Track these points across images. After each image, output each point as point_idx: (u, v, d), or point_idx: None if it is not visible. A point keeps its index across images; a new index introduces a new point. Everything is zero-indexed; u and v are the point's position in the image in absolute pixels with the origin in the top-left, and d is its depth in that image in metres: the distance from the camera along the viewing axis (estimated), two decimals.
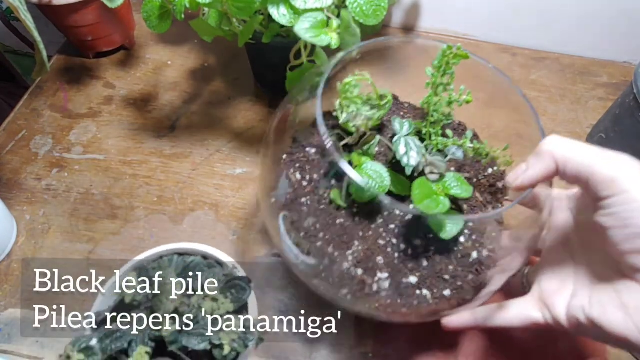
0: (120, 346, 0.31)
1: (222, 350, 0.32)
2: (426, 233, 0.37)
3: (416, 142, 0.37)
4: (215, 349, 0.32)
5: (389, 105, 0.39)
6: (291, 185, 0.39)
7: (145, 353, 0.31)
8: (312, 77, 0.39)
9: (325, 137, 0.32)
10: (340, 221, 0.37)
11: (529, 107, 0.36)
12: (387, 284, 0.36)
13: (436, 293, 0.36)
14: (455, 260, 0.37)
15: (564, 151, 0.30)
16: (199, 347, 0.32)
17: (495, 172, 0.42)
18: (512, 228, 0.40)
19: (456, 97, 0.37)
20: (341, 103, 0.39)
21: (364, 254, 0.36)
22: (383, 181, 0.35)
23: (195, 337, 0.32)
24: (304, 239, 0.37)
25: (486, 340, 0.46)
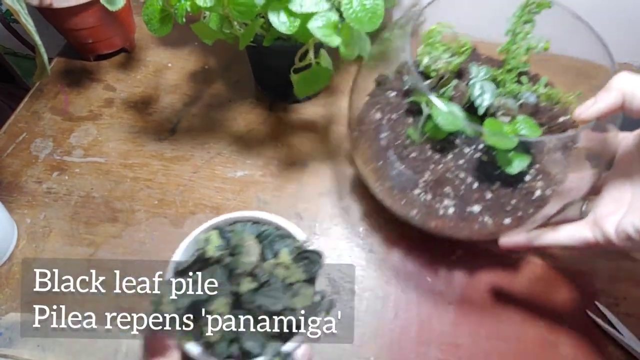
0: (204, 295, 0.33)
1: (295, 313, 0.33)
2: (493, 169, 0.41)
3: (491, 85, 0.41)
4: (288, 312, 0.33)
5: (468, 52, 0.44)
6: (372, 122, 0.45)
7: (225, 304, 0.33)
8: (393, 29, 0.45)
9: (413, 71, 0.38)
10: (414, 155, 0.43)
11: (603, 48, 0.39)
12: (452, 210, 0.42)
13: (497, 221, 0.42)
14: (518, 195, 0.42)
15: (633, 87, 0.32)
16: (274, 308, 0.33)
17: (567, 121, 0.43)
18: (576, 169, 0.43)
19: (534, 44, 0.39)
20: (424, 49, 0.44)
21: (433, 184, 0.42)
22: (456, 119, 0.38)
23: (271, 298, 0.33)
24: (382, 167, 0.44)
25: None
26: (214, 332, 0.32)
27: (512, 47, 0.42)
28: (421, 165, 0.43)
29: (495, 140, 0.37)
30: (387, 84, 0.48)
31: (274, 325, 0.33)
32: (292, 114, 0.62)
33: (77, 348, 0.45)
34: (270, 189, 0.56)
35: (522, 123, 0.39)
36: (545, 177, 0.43)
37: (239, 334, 0.33)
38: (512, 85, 0.42)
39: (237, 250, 0.34)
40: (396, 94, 0.46)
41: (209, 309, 0.33)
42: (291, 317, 0.33)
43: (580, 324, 0.47)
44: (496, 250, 0.45)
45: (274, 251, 0.36)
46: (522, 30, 0.41)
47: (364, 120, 0.47)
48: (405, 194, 0.44)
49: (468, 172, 0.42)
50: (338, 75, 0.66)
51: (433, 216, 0.43)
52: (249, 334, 0.33)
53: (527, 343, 0.46)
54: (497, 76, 0.43)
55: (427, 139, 0.43)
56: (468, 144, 0.43)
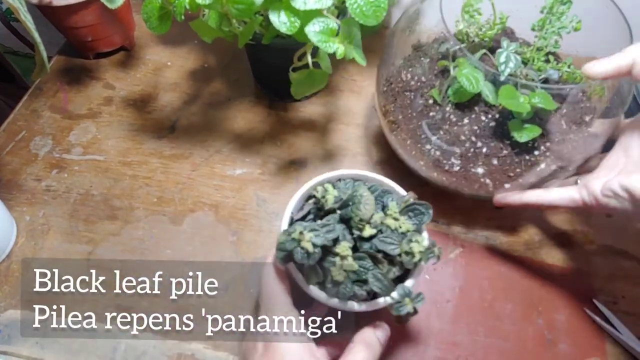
0: (332, 237, 0.34)
1: (412, 257, 0.35)
2: (504, 138, 0.45)
3: (517, 57, 0.43)
4: (406, 256, 0.35)
5: (502, 25, 0.48)
6: (401, 81, 0.49)
7: (348, 247, 0.34)
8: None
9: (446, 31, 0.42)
10: (433, 114, 0.47)
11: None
12: (457, 168, 0.46)
13: (497, 184, 0.46)
14: (523, 165, 0.45)
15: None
16: (393, 252, 0.35)
17: (585, 107, 0.46)
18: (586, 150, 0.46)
19: (565, 23, 0.44)
20: (462, 15, 0.48)
21: (444, 142, 0.46)
22: (478, 83, 0.41)
23: (389, 244, 0.35)
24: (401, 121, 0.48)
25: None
26: (340, 272, 0.34)
27: (545, 24, 0.45)
28: (437, 124, 0.46)
29: (508, 103, 0.40)
30: (422, 49, 0.51)
31: (392, 268, 0.36)
32: (291, 112, 0.62)
33: (75, 346, 0.45)
34: (269, 187, 0.56)
35: (539, 96, 0.40)
36: (554, 154, 0.45)
37: (360, 275, 0.35)
38: (539, 62, 0.46)
39: (354, 201, 0.36)
40: (430, 60, 0.50)
41: (334, 251, 0.34)
42: (407, 261, 0.35)
43: (579, 323, 0.47)
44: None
45: (382, 204, 0.38)
46: (558, 10, 0.44)
47: (395, 79, 0.50)
48: (417, 147, 0.48)
49: (480, 138, 0.45)
50: (337, 75, 0.66)
51: (438, 169, 0.47)
52: (373, 276, 0.35)
53: (526, 341, 0.46)
54: (526, 53, 0.47)
55: (449, 102, 0.46)
56: (485, 112, 0.45)
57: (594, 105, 0.46)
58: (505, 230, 0.53)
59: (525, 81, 0.42)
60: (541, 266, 0.51)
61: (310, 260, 0.34)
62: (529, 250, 0.52)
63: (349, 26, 0.43)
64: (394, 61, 0.51)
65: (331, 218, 0.37)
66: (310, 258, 0.33)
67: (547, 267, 0.51)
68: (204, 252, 0.51)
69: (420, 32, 0.49)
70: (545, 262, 0.51)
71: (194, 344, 0.46)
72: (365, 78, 0.66)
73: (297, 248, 0.33)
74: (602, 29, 0.45)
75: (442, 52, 0.47)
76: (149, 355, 0.45)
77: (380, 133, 0.60)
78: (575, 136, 0.46)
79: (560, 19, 0.45)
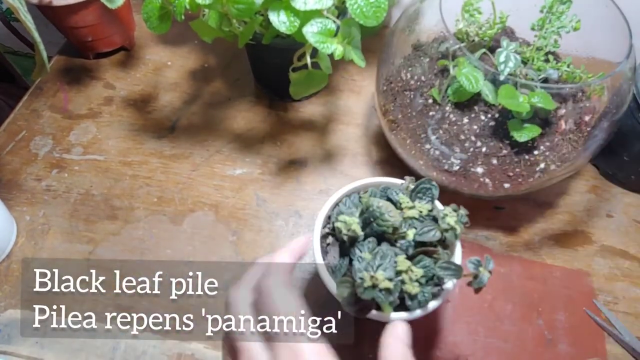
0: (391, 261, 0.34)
1: (454, 231, 0.36)
2: (502, 137, 0.45)
3: (516, 57, 0.43)
4: (447, 233, 0.36)
5: (502, 24, 0.48)
6: (401, 81, 0.49)
7: (404, 259, 0.34)
8: None
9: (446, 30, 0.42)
10: (433, 113, 0.47)
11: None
12: (457, 167, 0.46)
13: (497, 184, 0.47)
14: (523, 165, 0.45)
15: None
16: (435, 237, 0.36)
17: (584, 107, 0.46)
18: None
19: (565, 23, 0.44)
20: (462, 14, 0.48)
21: (444, 142, 0.46)
22: (478, 82, 0.41)
23: (427, 232, 0.36)
24: (401, 120, 0.49)
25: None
26: (413, 285, 0.34)
27: (545, 23, 0.45)
28: (437, 124, 0.46)
29: (508, 102, 0.40)
30: (422, 49, 0.51)
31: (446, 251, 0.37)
32: (291, 112, 0.62)
33: (75, 345, 0.45)
34: (269, 187, 0.56)
35: (539, 96, 0.40)
36: (553, 154, 0.45)
37: (428, 274, 0.35)
38: (538, 62, 0.46)
39: (374, 215, 0.36)
40: (429, 59, 0.50)
41: (398, 269, 0.34)
42: (450, 236, 0.36)
43: (579, 323, 0.47)
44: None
45: (395, 201, 0.39)
46: (558, 9, 0.44)
47: (394, 78, 0.51)
48: (417, 146, 0.48)
49: (479, 137, 0.45)
50: (337, 74, 0.66)
51: (438, 169, 0.48)
52: (440, 268, 0.36)
53: (526, 341, 0.46)
54: (525, 52, 0.47)
55: (448, 101, 0.46)
56: (485, 112, 0.45)
57: (593, 105, 0.46)
58: (505, 230, 0.53)
59: (524, 81, 0.42)
60: (541, 266, 0.51)
61: (394, 296, 0.33)
62: (529, 250, 0.52)
63: (348, 26, 0.43)
64: (394, 61, 0.51)
65: (368, 243, 0.36)
66: (392, 294, 0.33)
67: (547, 267, 0.51)
68: (204, 252, 0.51)
69: (420, 31, 0.49)
70: (545, 262, 0.51)
71: (194, 343, 0.46)
72: (365, 78, 0.66)
73: (377, 292, 0.32)
74: (601, 28, 0.45)
75: (441, 51, 0.47)
76: (149, 355, 0.45)
77: (380, 133, 0.60)
78: (575, 136, 0.46)
79: (560, 18, 0.45)
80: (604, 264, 0.51)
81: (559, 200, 0.56)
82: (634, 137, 0.52)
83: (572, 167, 0.47)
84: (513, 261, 0.51)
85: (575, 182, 0.57)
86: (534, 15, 0.47)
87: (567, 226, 0.54)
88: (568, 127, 0.46)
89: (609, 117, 0.45)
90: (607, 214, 0.55)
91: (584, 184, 0.57)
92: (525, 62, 0.47)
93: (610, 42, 0.44)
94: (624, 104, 0.44)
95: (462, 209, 0.37)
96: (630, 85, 0.44)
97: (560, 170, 0.46)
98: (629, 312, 0.48)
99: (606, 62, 0.47)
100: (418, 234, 0.36)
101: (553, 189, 0.56)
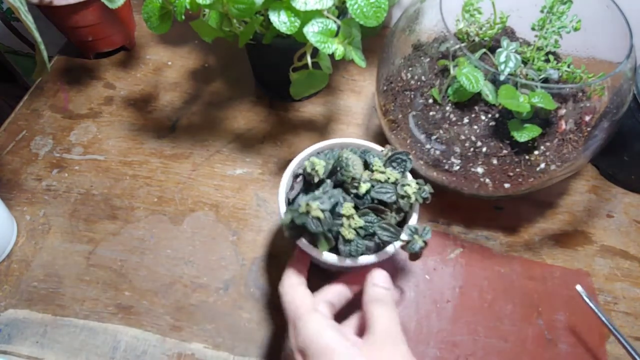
0: (335, 200, 0.36)
1: (409, 199, 0.38)
2: (503, 137, 0.45)
3: (517, 57, 0.43)
4: (402, 199, 0.38)
5: (503, 24, 0.48)
6: (401, 81, 0.50)
7: (351, 207, 0.37)
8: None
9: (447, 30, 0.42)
10: (433, 113, 0.47)
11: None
12: (457, 167, 0.47)
13: (497, 184, 0.47)
14: (523, 165, 0.45)
15: None
16: (390, 200, 0.38)
17: (584, 107, 0.46)
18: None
19: (565, 23, 0.44)
20: (462, 14, 0.48)
21: (444, 142, 0.46)
22: (478, 82, 0.42)
23: (384, 193, 0.38)
24: (401, 120, 0.49)
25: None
26: (350, 231, 0.36)
27: (546, 23, 0.45)
28: (437, 124, 0.46)
29: (508, 102, 0.40)
30: (422, 49, 0.51)
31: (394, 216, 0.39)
32: (291, 112, 0.62)
33: (75, 345, 0.45)
34: (269, 187, 0.56)
35: (539, 96, 0.41)
36: (554, 154, 0.45)
37: (368, 230, 0.38)
38: (539, 62, 0.46)
39: (341, 165, 0.39)
40: (430, 59, 0.50)
41: (340, 212, 0.37)
42: (404, 204, 0.38)
43: (579, 323, 0.47)
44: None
45: (368, 162, 0.41)
46: (558, 9, 0.44)
47: (395, 78, 0.51)
48: (417, 146, 0.48)
49: (480, 138, 0.45)
50: (338, 74, 0.66)
51: (438, 169, 0.48)
52: (380, 227, 0.37)
53: (526, 341, 0.46)
54: (526, 52, 0.47)
55: (449, 101, 0.46)
56: (485, 112, 0.45)
57: (594, 105, 0.46)
58: (505, 230, 0.53)
59: (525, 81, 0.42)
60: (541, 266, 0.51)
61: (325, 226, 0.35)
62: (529, 250, 0.52)
63: (349, 27, 0.43)
64: (394, 60, 0.51)
65: (326, 185, 0.39)
66: (323, 224, 0.35)
67: (547, 267, 0.51)
68: (204, 252, 0.51)
69: (420, 31, 0.49)
70: (546, 262, 0.51)
71: (194, 343, 0.46)
72: (365, 78, 0.66)
73: (309, 219, 0.35)
74: (602, 28, 0.45)
75: (442, 51, 0.47)
76: (149, 354, 0.45)
77: (380, 132, 0.60)
78: (575, 136, 0.46)
79: (560, 18, 0.45)
80: (604, 264, 0.51)
81: (559, 200, 0.56)
82: (634, 137, 0.52)
83: (572, 167, 0.46)
84: (513, 261, 0.51)
85: (575, 182, 0.57)
86: (534, 15, 0.47)
87: (567, 226, 0.54)
88: (568, 127, 0.46)
89: (610, 117, 0.45)
90: (607, 214, 0.55)
91: (584, 184, 0.57)
92: (526, 62, 0.47)
93: (610, 42, 0.44)
94: (624, 104, 0.44)
95: (428, 186, 0.39)
96: (631, 85, 0.44)
97: (560, 170, 0.46)
98: (629, 312, 0.48)
99: (606, 62, 0.47)
100: (375, 191, 0.38)
101: (553, 189, 0.56)
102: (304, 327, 0.34)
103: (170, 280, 0.49)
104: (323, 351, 0.32)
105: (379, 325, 0.34)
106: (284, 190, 0.42)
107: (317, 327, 0.34)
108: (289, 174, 0.43)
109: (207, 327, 0.47)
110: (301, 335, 0.34)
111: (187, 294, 0.49)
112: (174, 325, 0.47)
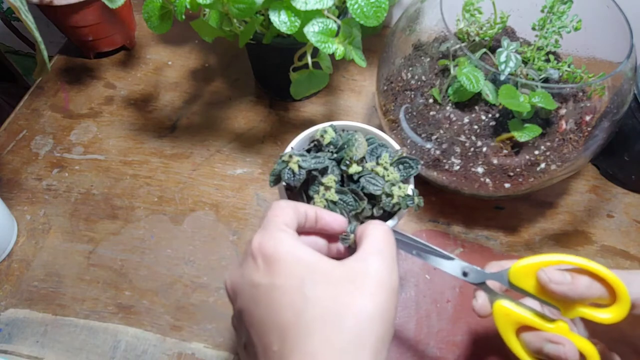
0: (320, 165, 0.37)
1: (391, 199, 0.38)
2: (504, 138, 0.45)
3: (517, 57, 0.43)
4: (385, 197, 0.38)
5: (503, 24, 0.48)
6: (401, 80, 0.50)
7: (333, 180, 0.37)
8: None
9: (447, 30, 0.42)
10: (433, 113, 0.47)
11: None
12: (458, 167, 0.47)
13: (497, 184, 0.47)
14: (523, 165, 0.45)
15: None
16: (374, 192, 0.38)
17: (585, 107, 0.46)
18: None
19: (566, 23, 0.44)
20: (463, 14, 0.48)
21: (445, 142, 0.46)
22: (478, 82, 0.42)
23: (373, 184, 0.38)
24: (401, 119, 0.49)
25: None
26: (321, 200, 0.37)
27: (546, 23, 0.45)
28: (437, 123, 0.46)
29: (509, 102, 0.40)
30: (423, 48, 0.51)
31: (370, 209, 0.39)
32: (292, 111, 0.62)
33: (76, 345, 0.45)
34: (269, 186, 0.56)
35: (540, 95, 0.41)
36: (554, 154, 0.45)
37: (337, 208, 0.38)
38: (539, 62, 0.46)
39: (348, 144, 0.39)
40: (430, 59, 0.50)
41: (320, 180, 0.37)
42: (385, 202, 0.38)
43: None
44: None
45: (376, 155, 0.41)
46: (558, 9, 0.44)
47: (395, 78, 0.51)
48: (417, 146, 0.48)
49: (480, 137, 0.45)
50: (338, 74, 0.66)
51: (438, 168, 0.48)
52: (345, 211, 0.37)
53: None
54: (526, 52, 0.47)
55: (449, 101, 0.46)
56: (485, 111, 0.45)
57: (594, 105, 0.46)
58: (505, 230, 0.53)
59: (525, 80, 0.42)
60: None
61: (295, 181, 0.36)
62: (529, 250, 0.52)
63: (349, 26, 0.43)
64: (395, 60, 0.51)
65: (323, 154, 0.39)
66: (295, 179, 0.36)
67: None
68: (204, 251, 0.51)
69: (420, 31, 0.49)
70: None
71: (194, 343, 0.46)
72: (365, 77, 0.66)
73: (285, 169, 0.36)
74: (602, 28, 0.45)
75: (442, 51, 0.47)
76: (149, 354, 0.45)
77: None
78: (576, 136, 0.46)
79: (560, 18, 0.45)
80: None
81: (559, 200, 0.56)
82: (634, 137, 0.52)
83: (572, 167, 0.46)
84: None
85: (575, 182, 0.57)
86: (534, 15, 0.47)
87: (568, 226, 0.54)
88: (569, 127, 0.46)
89: (610, 117, 0.45)
90: (607, 214, 0.55)
91: (584, 184, 0.57)
92: (526, 62, 0.47)
93: (611, 42, 0.44)
94: (624, 104, 0.44)
95: (419, 198, 0.38)
96: (631, 85, 0.44)
97: (560, 170, 0.46)
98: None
99: (607, 62, 0.47)
100: (366, 179, 0.38)
101: (553, 188, 0.56)
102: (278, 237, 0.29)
103: (171, 280, 0.49)
104: (296, 261, 0.28)
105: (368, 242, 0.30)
106: (293, 143, 0.42)
107: (293, 242, 0.29)
108: (306, 134, 0.42)
109: (208, 326, 0.47)
110: (272, 240, 0.29)
111: (187, 293, 0.49)
112: (174, 325, 0.47)
